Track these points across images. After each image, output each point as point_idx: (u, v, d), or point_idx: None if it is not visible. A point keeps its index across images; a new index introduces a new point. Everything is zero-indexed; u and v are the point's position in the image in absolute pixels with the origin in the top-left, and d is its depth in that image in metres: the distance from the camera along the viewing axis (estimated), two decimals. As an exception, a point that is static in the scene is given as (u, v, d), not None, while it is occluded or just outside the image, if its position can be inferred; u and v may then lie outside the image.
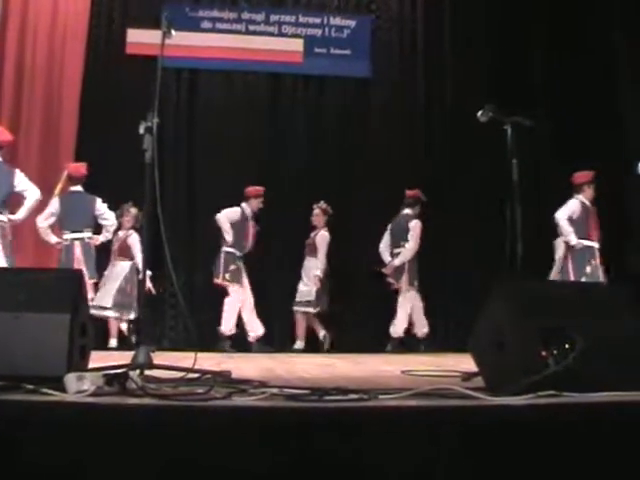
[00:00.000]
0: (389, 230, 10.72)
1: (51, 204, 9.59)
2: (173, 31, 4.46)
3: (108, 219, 9.84)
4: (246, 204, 10.40)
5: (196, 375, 3.68)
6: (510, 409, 2.73)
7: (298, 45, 11.97)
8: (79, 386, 2.87)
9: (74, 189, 9.77)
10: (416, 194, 10.62)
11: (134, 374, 3.21)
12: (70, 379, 2.89)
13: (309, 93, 12.01)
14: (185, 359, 4.18)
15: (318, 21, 12.10)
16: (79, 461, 2.36)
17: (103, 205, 9.77)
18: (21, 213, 8.73)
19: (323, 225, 10.82)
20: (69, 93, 11.07)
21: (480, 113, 5.34)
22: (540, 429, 2.60)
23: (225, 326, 10.14)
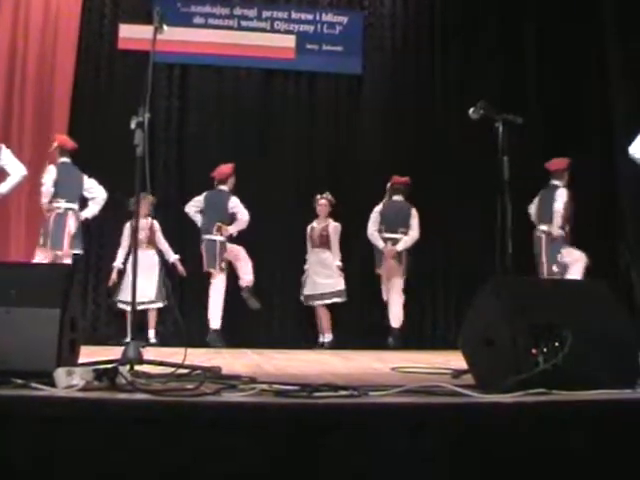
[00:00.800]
0: (379, 215, 10.62)
1: (49, 171, 9.50)
2: (165, 26, 4.46)
3: (98, 194, 9.68)
4: (224, 186, 10.35)
5: (186, 371, 3.68)
6: (499, 406, 2.73)
7: (290, 41, 11.94)
8: (69, 381, 2.87)
9: (64, 160, 9.66)
10: (406, 181, 10.57)
11: (124, 369, 3.21)
12: (60, 374, 2.89)
13: (301, 89, 11.99)
14: (175, 355, 4.18)
15: (310, 17, 12.09)
16: (68, 455, 2.36)
17: (91, 180, 9.65)
18: (3, 188, 8.75)
19: (327, 216, 10.81)
20: (61, 88, 11.03)
21: (472, 110, 5.34)
22: (529, 427, 2.61)
23: (216, 321, 10.16)
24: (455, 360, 4.08)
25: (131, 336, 4.06)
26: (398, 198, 10.61)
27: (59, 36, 11.20)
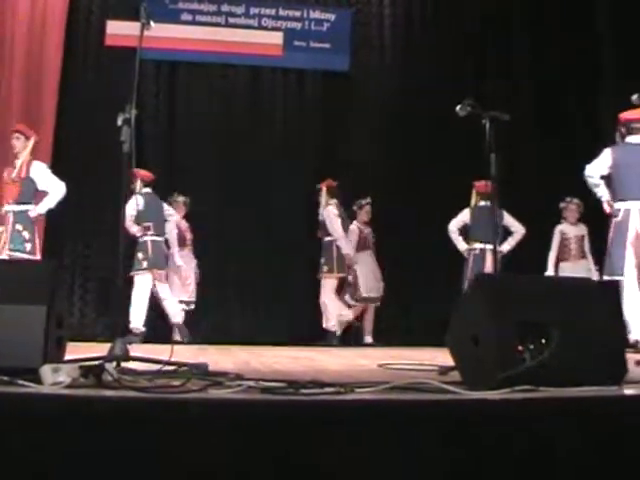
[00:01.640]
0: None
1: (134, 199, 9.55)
2: (152, 23, 4.45)
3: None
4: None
5: (173, 367, 3.67)
6: (486, 403, 2.74)
7: (278, 38, 11.95)
8: (55, 378, 2.86)
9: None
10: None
11: (110, 366, 3.20)
12: (46, 371, 2.88)
13: (288, 86, 12.01)
14: (163, 351, 4.18)
15: (298, 14, 12.09)
16: (55, 453, 2.35)
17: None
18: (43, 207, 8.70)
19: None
20: (48, 84, 11.00)
21: (459, 107, 5.35)
22: (516, 423, 2.61)
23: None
24: (442, 357, 4.09)
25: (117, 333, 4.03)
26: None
27: (47, 32, 11.17)
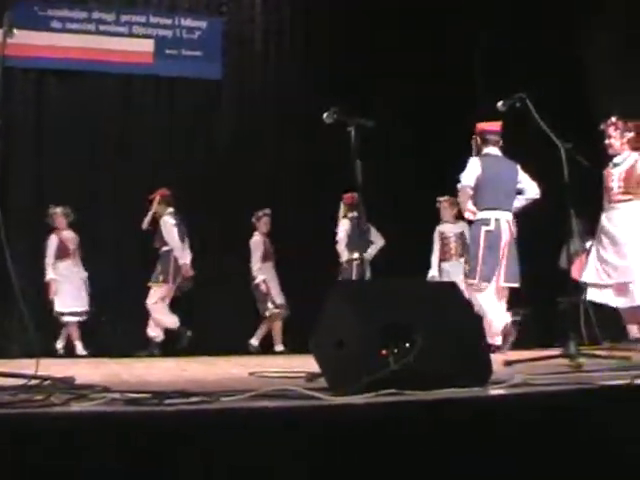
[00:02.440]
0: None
1: None
2: (15, 30, 4.36)
3: None
4: None
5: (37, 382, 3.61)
6: (350, 408, 2.75)
7: (149, 46, 11.85)
8: None
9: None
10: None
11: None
12: None
13: (160, 94, 11.92)
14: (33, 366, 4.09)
15: (169, 22, 12.01)
16: None
17: None
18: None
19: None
20: None
21: (325, 115, 5.37)
22: (381, 428, 2.64)
23: None
24: (314, 363, 4.12)
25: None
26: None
27: None
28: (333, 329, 3.34)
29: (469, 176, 7.82)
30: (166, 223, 10.52)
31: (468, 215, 7.95)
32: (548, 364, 5.01)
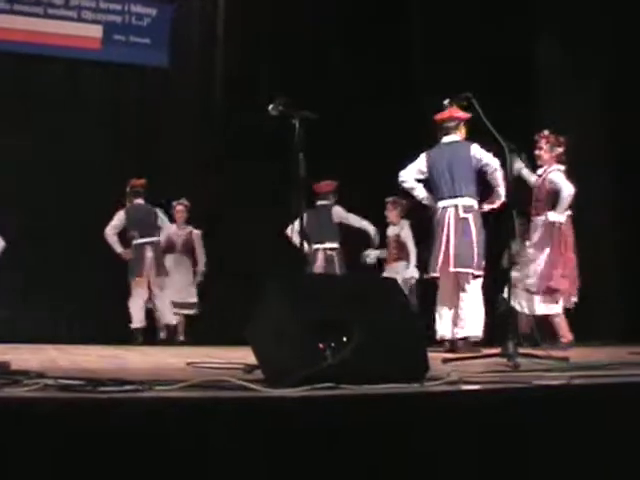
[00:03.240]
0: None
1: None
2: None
3: None
4: None
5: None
6: (285, 401, 2.74)
7: (97, 31, 11.74)
8: None
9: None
10: (144, 183, 10.77)
11: None
12: None
13: (106, 81, 11.80)
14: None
15: (119, 8, 11.91)
16: None
17: None
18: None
19: (186, 222, 11.15)
20: None
21: (271, 106, 5.37)
22: (315, 421, 2.64)
23: None
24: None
25: None
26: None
27: None
28: (271, 321, 3.33)
29: (408, 171, 7.82)
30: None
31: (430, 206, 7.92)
32: (486, 363, 5.05)
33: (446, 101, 6.42)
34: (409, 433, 2.71)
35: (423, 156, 7.82)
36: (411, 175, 7.82)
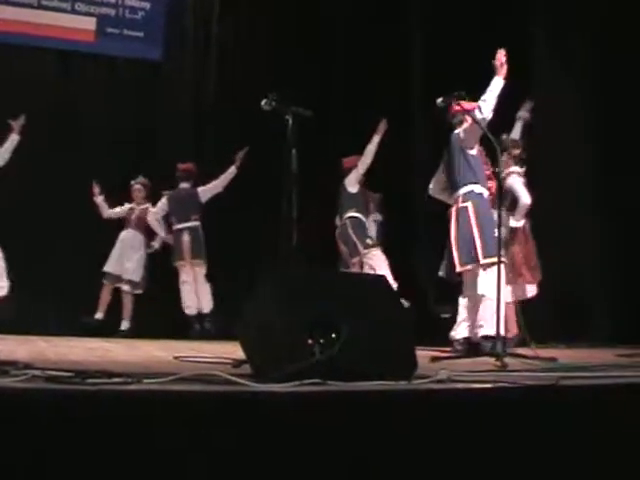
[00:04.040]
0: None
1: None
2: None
3: None
4: None
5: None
6: (273, 396, 2.75)
7: (90, 24, 11.67)
8: None
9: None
10: (189, 167, 10.83)
11: None
12: None
13: (99, 74, 11.74)
14: None
15: (112, 1, 11.82)
16: None
17: None
18: None
19: (144, 200, 10.97)
20: None
21: (264, 102, 5.37)
22: (302, 416, 2.64)
23: None
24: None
25: None
26: (185, 185, 10.90)
27: None
28: (260, 317, 3.34)
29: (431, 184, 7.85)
30: None
31: None
32: (474, 362, 5.06)
33: (439, 100, 6.40)
34: (395, 430, 2.71)
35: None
36: (435, 187, 7.71)
